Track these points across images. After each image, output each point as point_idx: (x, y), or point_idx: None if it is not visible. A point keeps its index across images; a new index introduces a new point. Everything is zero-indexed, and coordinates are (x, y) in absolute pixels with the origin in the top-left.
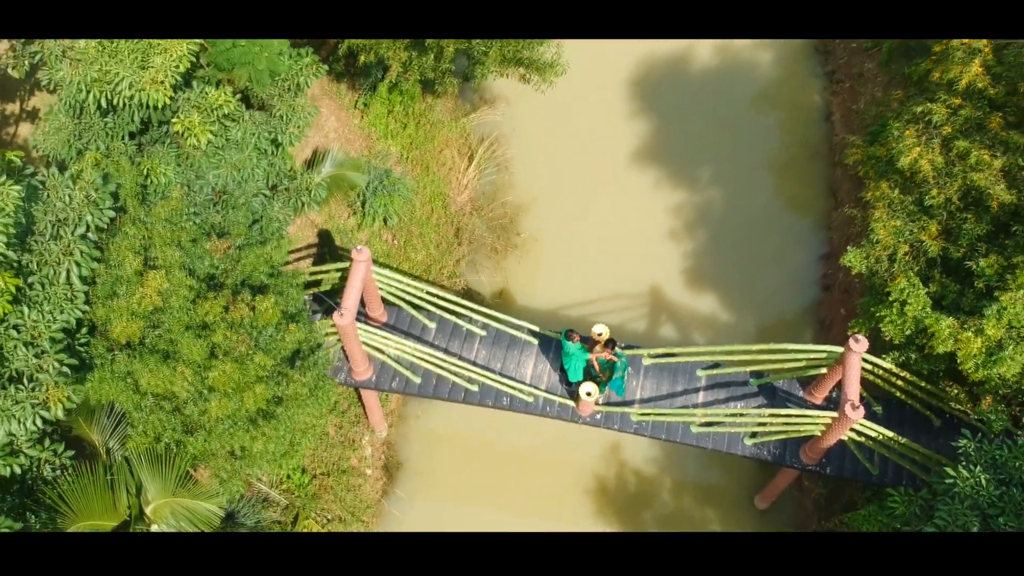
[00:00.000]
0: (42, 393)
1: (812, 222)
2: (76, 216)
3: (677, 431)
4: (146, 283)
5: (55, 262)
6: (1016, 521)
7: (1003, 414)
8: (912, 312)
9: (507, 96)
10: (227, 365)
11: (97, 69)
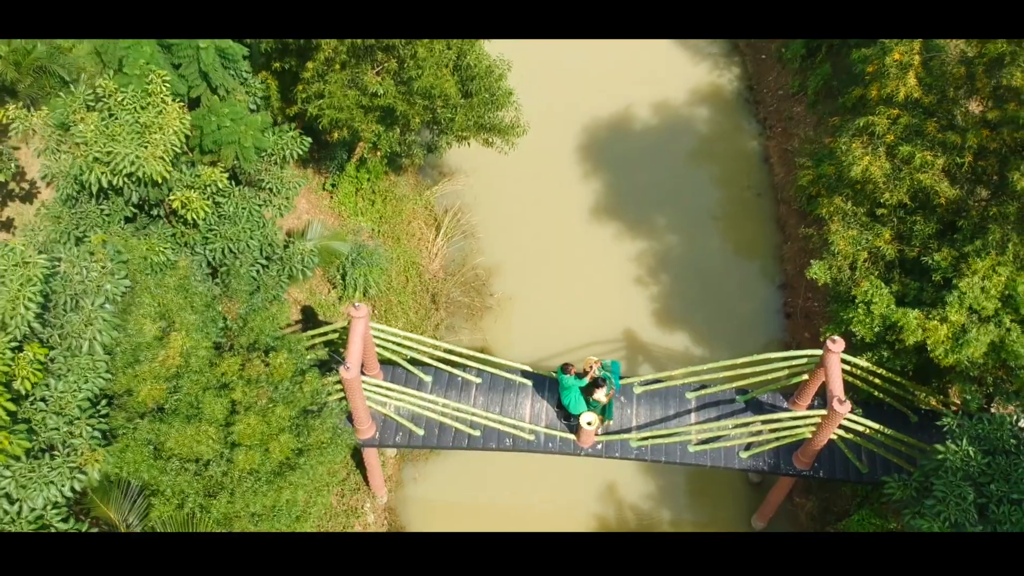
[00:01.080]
0: (78, 458)
1: (766, 256)
2: (95, 287)
3: (676, 452)
4: (169, 345)
5: (77, 333)
6: (1006, 485)
7: (977, 394)
8: (879, 310)
9: (465, 169)
10: (251, 418)
11: (98, 150)
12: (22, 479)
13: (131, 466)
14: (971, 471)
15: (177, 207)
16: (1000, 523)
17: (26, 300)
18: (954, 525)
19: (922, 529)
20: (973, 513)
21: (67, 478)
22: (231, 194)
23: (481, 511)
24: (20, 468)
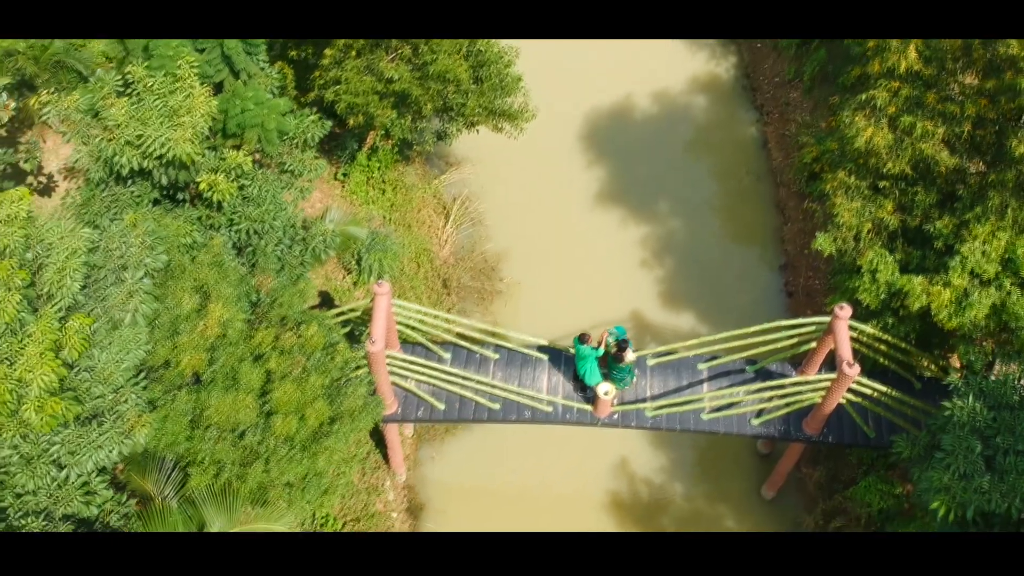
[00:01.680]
0: (125, 423)
1: (766, 238)
2: (136, 260)
3: (689, 420)
4: (208, 316)
5: (119, 305)
6: (1011, 438)
7: (980, 353)
8: (884, 277)
9: (471, 158)
10: (288, 385)
11: (129, 133)
12: (71, 445)
13: (170, 436)
14: (977, 425)
15: (204, 189)
16: (1007, 472)
17: (72, 271)
18: (963, 476)
19: (932, 483)
20: (981, 464)
21: (115, 443)
22: (254, 177)
23: (497, 488)
24: (69, 435)
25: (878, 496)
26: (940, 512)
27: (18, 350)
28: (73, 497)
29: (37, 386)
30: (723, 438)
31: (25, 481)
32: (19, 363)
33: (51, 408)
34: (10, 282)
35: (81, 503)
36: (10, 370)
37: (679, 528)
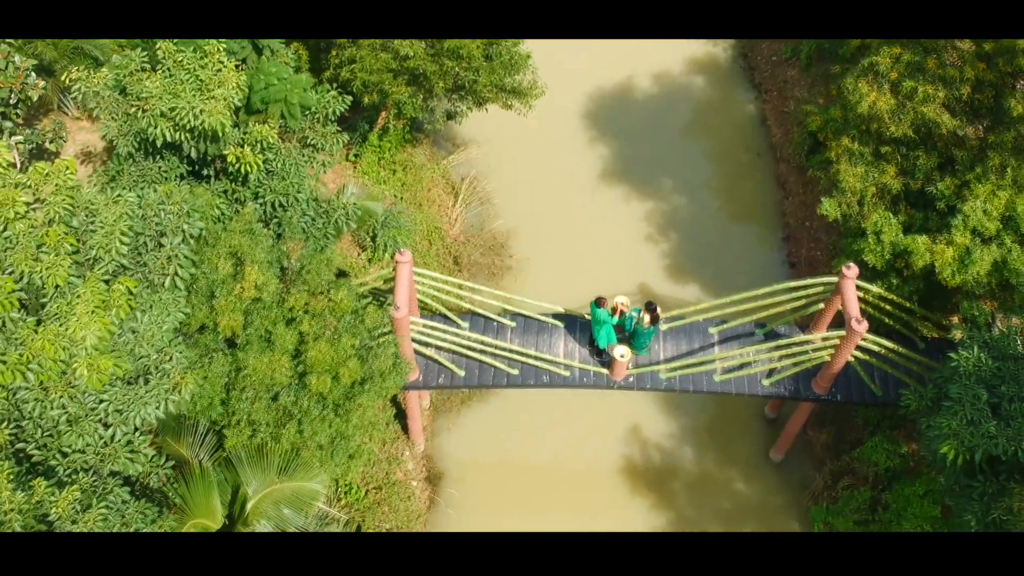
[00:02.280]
0: (170, 380)
1: (768, 211)
2: (174, 227)
3: (703, 381)
4: (244, 279)
5: (159, 270)
6: (1016, 386)
7: (984, 308)
8: (888, 238)
9: (478, 140)
10: (322, 345)
11: (163, 105)
12: (118, 403)
13: (207, 398)
14: (983, 375)
15: (232, 161)
16: (1012, 418)
17: (120, 234)
18: (970, 422)
19: (941, 429)
20: (987, 411)
21: (162, 399)
22: (278, 151)
23: (513, 457)
24: (116, 393)
25: (884, 455)
26: (949, 456)
27: (67, 312)
28: (120, 454)
29: (89, 343)
30: (731, 403)
31: (74, 440)
32: (71, 322)
33: (102, 365)
34: (59, 247)
35: (127, 459)
36: (62, 329)
37: (689, 491)
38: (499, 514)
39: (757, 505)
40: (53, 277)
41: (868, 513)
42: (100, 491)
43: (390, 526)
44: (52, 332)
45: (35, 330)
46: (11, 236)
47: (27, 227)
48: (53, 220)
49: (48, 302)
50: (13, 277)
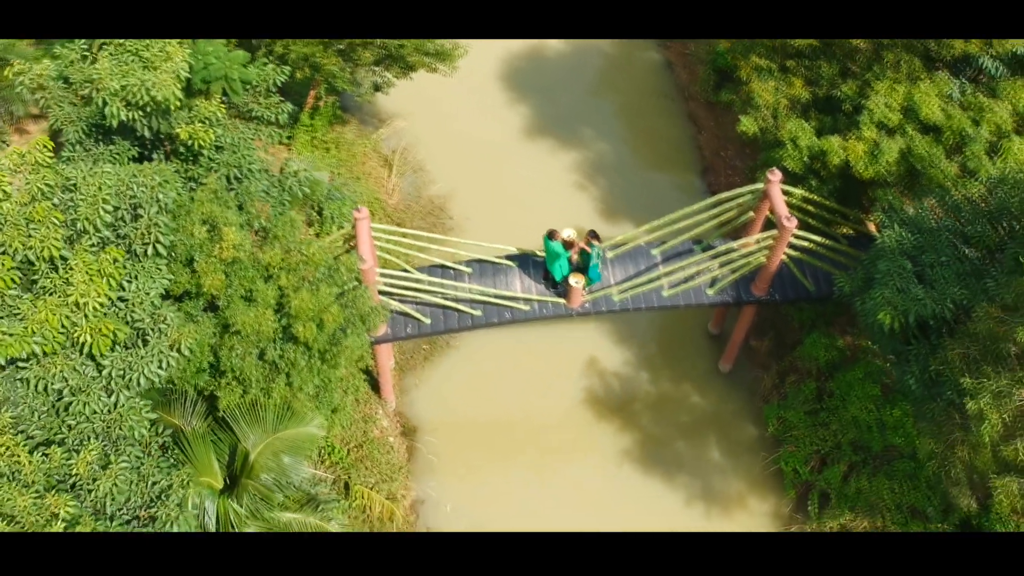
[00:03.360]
0: (168, 338)
1: (685, 147)
2: (150, 197)
3: (652, 298)
4: (222, 240)
5: (140, 239)
6: (934, 254)
7: (897, 195)
8: (804, 143)
9: (403, 113)
10: (304, 293)
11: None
12: (120, 368)
13: (196, 363)
14: (905, 248)
15: (184, 138)
16: (936, 282)
17: (103, 203)
18: (900, 290)
19: (874, 298)
20: (913, 279)
21: (162, 356)
22: (226, 127)
23: (482, 405)
24: (116, 358)
25: (823, 349)
26: (886, 323)
27: (63, 284)
28: (127, 418)
29: (91, 308)
30: (678, 325)
31: (80, 408)
32: (70, 291)
33: (104, 329)
34: (48, 221)
35: (133, 423)
36: (62, 299)
37: (651, 411)
38: (476, 458)
39: (714, 414)
40: (47, 249)
41: (816, 403)
42: (113, 452)
43: (375, 480)
44: (53, 303)
45: (34, 304)
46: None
47: (14, 207)
48: (36, 197)
49: (39, 278)
50: (8, 255)
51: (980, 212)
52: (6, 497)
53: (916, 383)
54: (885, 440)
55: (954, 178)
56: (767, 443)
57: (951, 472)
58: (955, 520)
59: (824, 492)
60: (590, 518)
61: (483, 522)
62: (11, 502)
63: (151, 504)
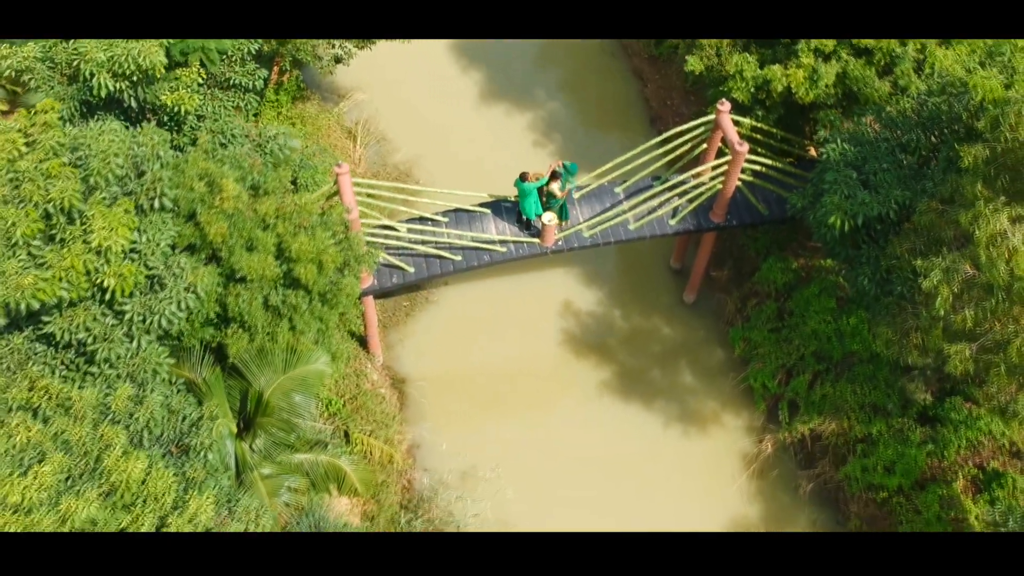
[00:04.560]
0: (184, 280)
1: (633, 100)
2: (152, 154)
3: (620, 232)
4: (222, 191)
5: (145, 193)
6: (876, 163)
7: (838, 115)
8: (749, 74)
9: (360, 86)
10: (302, 237)
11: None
12: (141, 312)
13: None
14: (848, 159)
15: (170, 104)
16: (879, 187)
17: (113, 156)
18: (847, 196)
19: (825, 205)
20: (859, 186)
21: (180, 297)
22: (206, 96)
23: (465, 354)
24: (136, 303)
25: (779, 272)
26: (836, 225)
27: (82, 234)
28: (150, 360)
29: (114, 251)
30: (642, 263)
31: (104, 353)
32: (93, 236)
33: (127, 272)
34: (64, 175)
35: (156, 365)
36: (85, 246)
37: (625, 345)
38: (463, 403)
39: (683, 342)
40: (67, 201)
41: (777, 321)
42: (142, 392)
43: (372, 428)
44: (77, 249)
45: (59, 253)
46: (17, 174)
47: (31, 163)
48: (48, 155)
49: (57, 232)
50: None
51: (913, 123)
52: (63, 427)
53: (869, 283)
54: (844, 348)
55: (887, 95)
56: (735, 364)
57: (907, 357)
58: (913, 414)
59: (792, 401)
60: (576, 448)
61: (476, 461)
62: (67, 432)
63: (183, 436)
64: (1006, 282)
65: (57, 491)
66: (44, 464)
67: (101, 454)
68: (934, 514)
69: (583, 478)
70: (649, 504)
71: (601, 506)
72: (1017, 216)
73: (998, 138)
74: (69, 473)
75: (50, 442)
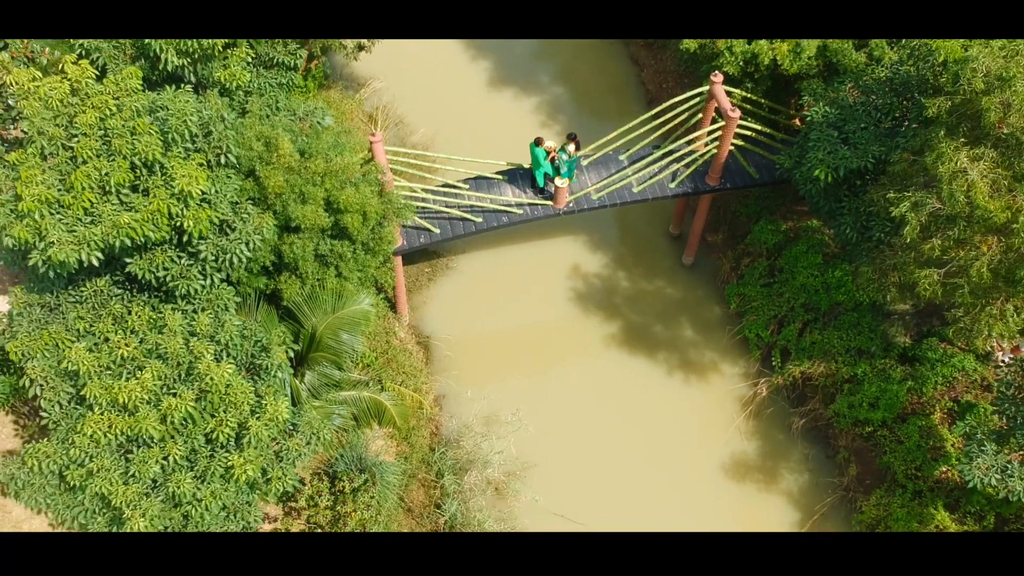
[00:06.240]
0: (254, 221)
1: (631, 83)
2: (217, 116)
3: (625, 194)
4: (279, 148)
5: (214, 151)
6: (855, 123)
7: (820, 85)
8: (739, 49)
9: (377, 75)
10: (349, 189)
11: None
12: (214, 252)
13: (263, 257)
14: (830, 120)
15: (224, 79)
16: (857, 144)
17: (189, 115)
18: (830, 153)
19: (810, 160)
20: (839, 143)
21: (249, 238)
22: (253, 73)
23: (483, 315)
24: (209, 244)
25: (770, 234)
26: (821, 177)
27: (162, 183)
28: (222, 296)
29: (193, 195)
30: (644, 230)
31: (182, 289)
32: (175, 183)
33: (203, 216)
34: (147, 131)
35: (227, 299)
36: (169, 190)
37: (630, 303)
38: (484, 357)
39: (683, 300)
40: (151, 154)
41: (768, 277)
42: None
43: (402, 378)
44: (162, 195)
45: (146, 199)
46: (107, 131)
47: (119, 122)
48: (133, 115)
49: (140, 183)
50: (123, 159)
51: (888, 89)
52: (158, 342)
53: (851, 230)
54: (831, 299)
55: (864, 65)
56: (731, 318)
57: (886, 295)
58: (894, 355)
59: (784, 348)
60: (588, 397)
61: (498, 407)
62: (162, 346)
63: (255, 357)
64: (966, 212)
65: (156, 395)
66: (144, 371)
67: (192, 364)
68: (914, 443)
69: (597, 423)
70: (657, 443)
71: (614, 449)
72: (975, 156)
73: (958, 91)
74: (164, 381)
75: (144, 357)
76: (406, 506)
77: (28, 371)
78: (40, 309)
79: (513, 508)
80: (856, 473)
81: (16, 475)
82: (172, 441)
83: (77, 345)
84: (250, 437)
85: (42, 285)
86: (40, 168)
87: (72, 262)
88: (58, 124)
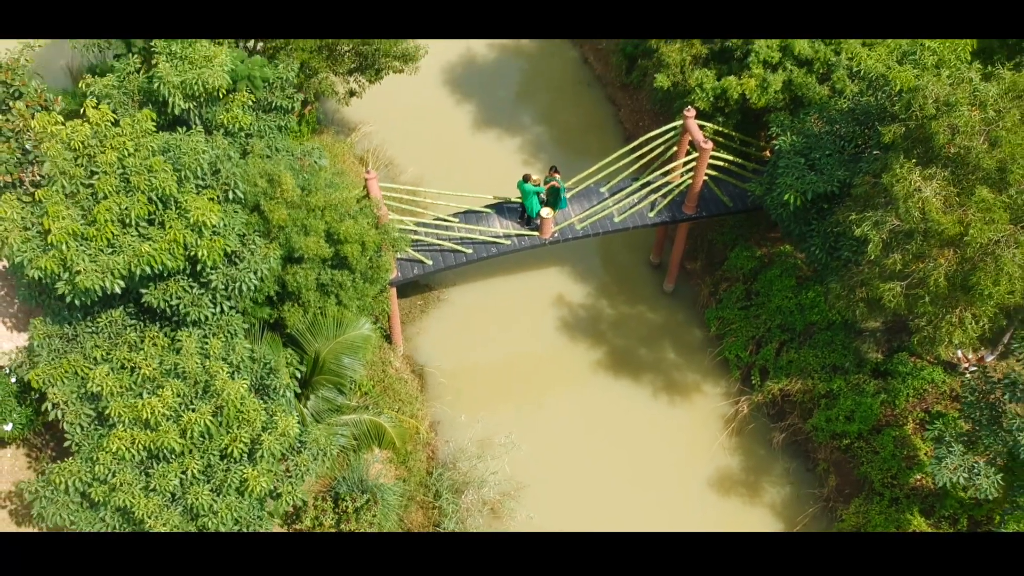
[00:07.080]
0: (261, 251)
1: (609, 123)
2: (225, 155)
3: (607, 224)
4: (282, 183)
5: (222, 187)
6: (820, 151)
7: (787, 117)
8: (708, 86)
9: (367, 121)
10: (348, 221)
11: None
12: (224, 280)
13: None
14: (798, 148)
15: (227, 122)
16: (823, 169)
17: (201, 153)
18: (799, 178)
19: (779, 186)
20: (806, 169)
21: (258, 265)
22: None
23: (475, 344)
24: (220, 273)
25: (745, 260)
26: (791, 201)
27: (177, 216)
28: (231, 322)
29: (208, 225)
30: (625, 259)
31: (194, 315)
32: (190, 214)
33: (216, 245)
34: (163, 168)
35: (236, 325)
36: (185, 221)
37: (614, 328)
38: (476, 384)
39: (665, 324)
40: (167, 189)
41: (746, 301)
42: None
43: (399, 405)
44: (179, 226)
45: (163, 230)
46: (126, 169)
47: (138, 161)
48: (150, 155)
49: (156, 216)
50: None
51: (850, 119)
52: (175, 361)
53: (820, 251)
54: (805, 319)
55: (827, 98)
56: (711, 340)
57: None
58: (867, 370)
59: (763, 368)
60: (577, 418)
61: (491, 431)
62: (180, 365)
63: (264, 378)
64: (922, 227)
65: (176, 410)
66: (164, 389)
67: (209, 382)
68: (889, 453)
69: (586, 444)
70: (644, 462)
71: (604, 468)
72: (928, 175)
73: (911, 117)
74: (183, 398)
75: (163, 376)
76: (406, 527)
77: (51, 396)
78: (59, 340)
79: (509, 526)
80: (835, 484)
81: (41, 492)
82: (190, 456)
83: (100, 368)
84: (263, 451)
85: (60, 317)
86: (64, 204)
87: (96, 289)
88: (79, 164)
